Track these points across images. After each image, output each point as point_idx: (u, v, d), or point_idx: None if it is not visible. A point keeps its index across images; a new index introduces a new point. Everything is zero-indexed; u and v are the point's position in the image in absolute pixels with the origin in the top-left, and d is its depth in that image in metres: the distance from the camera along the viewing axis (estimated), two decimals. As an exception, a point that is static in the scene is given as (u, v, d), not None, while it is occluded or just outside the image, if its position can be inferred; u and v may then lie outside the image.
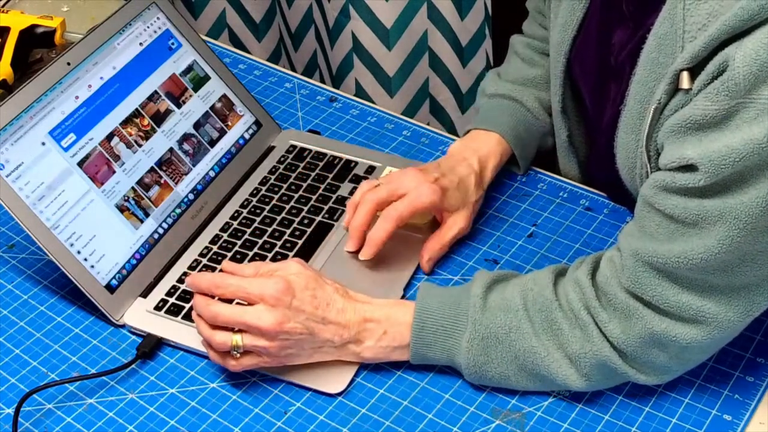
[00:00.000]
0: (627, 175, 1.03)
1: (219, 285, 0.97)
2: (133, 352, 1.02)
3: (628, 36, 1.02)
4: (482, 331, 0.97)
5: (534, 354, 0.96)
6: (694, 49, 0.85)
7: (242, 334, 0.96)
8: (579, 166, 1.21)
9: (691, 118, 0.85)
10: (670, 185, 0.87)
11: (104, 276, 1.06)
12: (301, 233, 1.14)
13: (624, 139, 1.01)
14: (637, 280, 0.92)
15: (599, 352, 0.94)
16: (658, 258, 0.89)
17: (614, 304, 0.93)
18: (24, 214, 1.03)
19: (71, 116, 1.09)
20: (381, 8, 1.60)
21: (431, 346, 0.99)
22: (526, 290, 0.98)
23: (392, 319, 0.99)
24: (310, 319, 0.96)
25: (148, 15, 1.20)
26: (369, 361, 1.01)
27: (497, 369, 0.97)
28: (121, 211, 1.10)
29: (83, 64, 1.12)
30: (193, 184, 1.17)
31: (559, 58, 1.12)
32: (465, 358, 0.97)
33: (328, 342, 0.98)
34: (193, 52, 1.23)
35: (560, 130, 1.19)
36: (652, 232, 0.91)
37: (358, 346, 0.99)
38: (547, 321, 0.96)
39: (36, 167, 1.05)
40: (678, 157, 0.86)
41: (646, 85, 0.95)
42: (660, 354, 0.93)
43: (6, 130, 1.04)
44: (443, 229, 1.12)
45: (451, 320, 0.98)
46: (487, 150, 1.17)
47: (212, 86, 1.23)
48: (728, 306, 0.90)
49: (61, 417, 0.98)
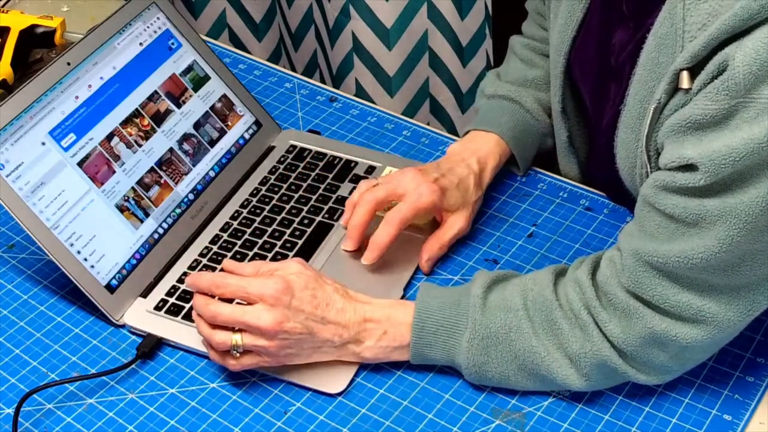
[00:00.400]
0: (627, 174, 1.03)
1: (219, 285, 0.97)
2: (133, 352, 1.02)
3: (628, 36, 1.02)
4: (482, 331, 0.97)
5: (534, 354, 0.96)
6: (693, 49, 0.85)
7: (242, 334, 0.96)
8: (579, 166, 1.21)
9: (691, 118, 0.85)
10: (670, 185, 0.87)
11: (104, 276, 1.06)
12: (301, 233, 1.14)
13: (624, 139, 1.01)
14: (637, 279, 0.91)
15: (599, 351, 0.94)
16: (659, 258, 0.89)
17: (614, 304, 0.93)
18: (24, 214, 1.03)
19: (71, 116, 1.09)
20: (381, 8, 1.60)
21: (431, 346, 0.99)
22: (526, 290, 0.98)
23: (392, 319, 0.99)
24: (310, 319, 0.96)
25: (148, 15, 1.20)
26: (369, 361, 1.01)
27: (497, 369, 0.97)
28: (121, 211, 1.10)
29: (83, 64, 1.12)
30: (193, 184, 1.17)
31: (559, 59, 1.12)
32: (465, 358, 0.97)
33: (327, 342, 0.98)
34: (193, 52, 1.23)
35: (560, 131, 1.19)
36: (653, 232, 0.91)
37: (358, 346, 0.99)
38: (547, 321, 0.96)
39: (36, 167, 1.05)
40: (678, 157, 0.86)
41: (646, 85, 0.95)
42: (660, 353, 0.93)
43: (6, 130, 1.04)
44: (443, 229, 1.12)
45: (451, 320, 0.98)
46: (486, 151, 1.17)
47: (212, 86, 1.23)
48: (729, 305, 0.89)
49: (61, 417, 0.98)
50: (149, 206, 1.12)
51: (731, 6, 0.82)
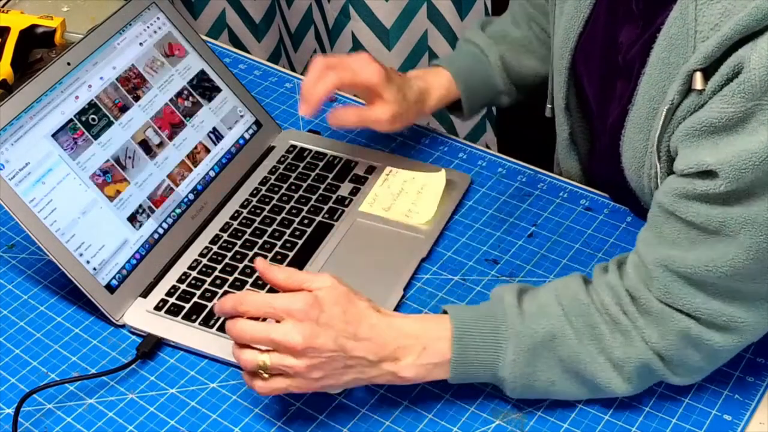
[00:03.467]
0: (633, 174, 1.03)
1: (243, 301, 0.91)
2: (133, 352, 1.02)
3: (636, 34, 1.01)
4: (527, 341, 0.93)
5: (578, 359, 0.93)
6: (707, 50, 0.84)
7: (270, 354, 0.90)
8: (580, 163, 1.21)
9: (706, 121, 0.84)
10: (691, 192, 0.86)
11: (104, 276, 1.06)
12: (301, 233, 1.14)
13: (632, 138, 1.01)
14: (666, 290, 0.91)
15: (642, 356, 0.92)
16: (686, 268, 0.88)
17: (648, 310, 0.92)
18: (24, 214, 1.03)
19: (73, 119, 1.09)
20: (381, 8, 1.60)
21: (473, 363, 0.94)
22: (560, 295, 0.95)
23: (430, 334, 0.94)
24: (341, 335, 0.90)
25: (148, 15, 1.20)
26: (409, 383, 0.95)
27: (543, 377, 0.94)
28: (121, 211, 1.10)
29: (83, 64, 1.12)
30: (193, 184, 1.17)
31: (564, 55, 1.12)
32: (510, 371, 0.93)
33: (361, 360, 0.91)
34: (193, 52, 1.23)
35: (562, 127, 1.19)
36: (673, 239, 0.90)
37: (396, 364, 0.93)
38: (587, 325, 0.94)
39: (35, 167, 1.05)
40: (696, 163, 0.85)
41: (656, 85, 0.95)
42: (695, 355, 0.93)
43: (6, 130, 1.04)
44: (365, 108, 1.16)
45: (491, 334, 0.94)
46: (437, 83, 1.22)
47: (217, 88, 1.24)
48: (758, 311, 0.89)
49: (61, 417, 0.98)
50: (150, 206, 1.12)
51: (745, 6, 0.82)
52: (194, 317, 1.05)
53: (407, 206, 1.17)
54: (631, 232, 1.15)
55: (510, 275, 1.11)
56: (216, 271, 1.10)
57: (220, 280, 1.09)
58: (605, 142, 1.11)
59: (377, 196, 1.18)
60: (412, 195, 1.18)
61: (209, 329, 1.04)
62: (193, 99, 1.21)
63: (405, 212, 1.16)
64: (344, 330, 0.91)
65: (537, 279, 1.10)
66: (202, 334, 1.04)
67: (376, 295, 1.02)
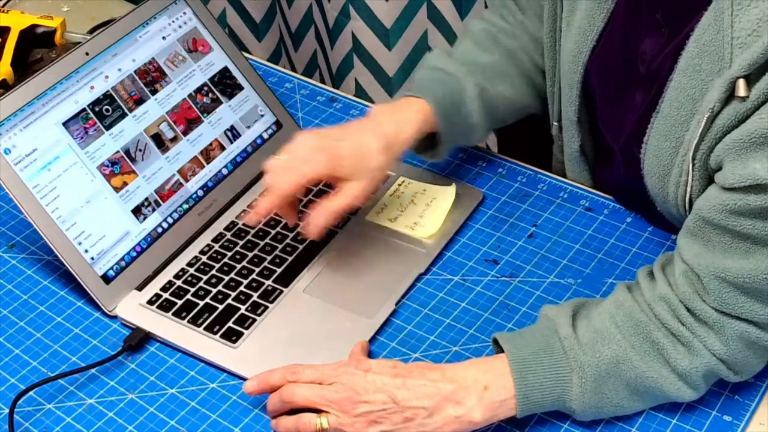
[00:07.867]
0: (657, 181, 1.01)
1: (293, 372, 0.94)
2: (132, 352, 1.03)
3: (661, 43, 0.99)
4: (592, 372, 0.92)
5: (645, 378, 0.93)
6: (752, 57, 0.83)
7: (327, 416, 0.91)
8: (590, 173, 1.20)
9: (756, 132, 0.83)
10: (744, 208, 0.86)
11: (101, 266, 1.06)
12: (303, 238, 1.13)
13: (656, 146, 0.99)
14: (723, 300, 0.90)
15: (708, 364, 0.92)
16: (744, 278, 0.88)
17: (705, 320, 0.92)
18: (25, 200, 1.03)
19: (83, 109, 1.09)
20: (381, 8, 1.60)
21: (539, 401, 0.93)
22: (614, 316, 0.95)
23: (490, 372, 0.93)
24: (390, 385, 0.90)
25: (174, 9, 1.20)
26: (479, 426, 0.92)
27: (612, 402, 0.94)
28: (125, 205, 1.10)
29: (102, 55, 1.11)
30: (204, 181, 1.17)
31: (577, 69, 1.10)
32: (579, 403, 0.93)
33: (419, 410, 0.90)
34: (218, 49, 1.23)
35: (571, 140, 1.16)
36: (724, 249, 0.89)
37: (459, 408, 0.91)
38: (647, 342, 0.93)
39: (42, 154, 1.05)
40: (748, 177, 0.84)
41: (685, 92, 0.93)
42: (754, 355, 0.93)
43: (16, 116, 1.04)
44: (334, 196, 1.05)
45: (552, 369, 0.93)
46: (408, 118, 1.09)
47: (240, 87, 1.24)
48: None
49: (61, 417, 0.98)
50: (156, 200, 1.12)
51: None
52: (184, 314, 1.05)
53: (413, 219, 1.16)
54: (631, 232, 1.15)
55: (510, 275, 1.11)
56: (213, 270, 1.10)
57: (216, 279, 1.09)
58: (617, 152, 1.10)
59: (385, 206, 1.18)
60: (420, 207, 1.17)
61: (196, 327, 1.04)
62: (212, 95, 1.21)
63: (410, 224, 1.15)
64: (393, 382, 0.91)
65: (537, 279, 1.10)
66: (189, 331, 1.04)
67: (367, 307, 1.02)
